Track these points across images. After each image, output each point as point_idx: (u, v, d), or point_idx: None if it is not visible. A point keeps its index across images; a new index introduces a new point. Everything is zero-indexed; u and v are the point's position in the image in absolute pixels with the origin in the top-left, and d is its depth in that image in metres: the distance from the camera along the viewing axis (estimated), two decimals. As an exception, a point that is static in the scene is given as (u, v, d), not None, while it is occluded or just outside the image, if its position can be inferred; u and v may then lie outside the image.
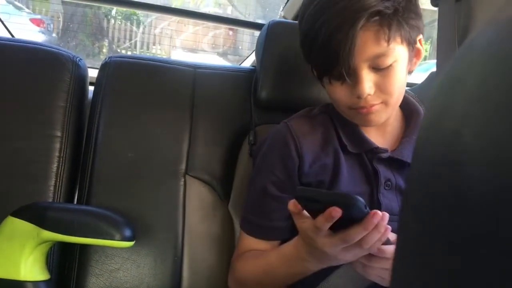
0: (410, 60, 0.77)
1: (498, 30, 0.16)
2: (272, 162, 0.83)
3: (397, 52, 0.72)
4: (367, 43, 0.70)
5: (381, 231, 0.61)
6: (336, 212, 0.58)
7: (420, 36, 0.78)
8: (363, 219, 0.60)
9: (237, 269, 0.85)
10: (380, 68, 0.72)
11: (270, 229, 0.84)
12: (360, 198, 0.59)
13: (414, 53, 0.78)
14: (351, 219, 0.61)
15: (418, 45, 0.78)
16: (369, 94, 0.72)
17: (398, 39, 0.72)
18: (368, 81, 0.72)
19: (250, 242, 0.86)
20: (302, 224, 0.66)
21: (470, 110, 0.15)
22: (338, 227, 0.62)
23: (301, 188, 0.63)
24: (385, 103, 0.75)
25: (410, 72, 0.79)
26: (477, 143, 0.14)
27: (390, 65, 0.72)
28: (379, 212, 0.60)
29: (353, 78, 0.72)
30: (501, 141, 0.13)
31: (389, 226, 0.62)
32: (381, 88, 0.73)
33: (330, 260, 0.67)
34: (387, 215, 0.61)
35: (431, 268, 0.16)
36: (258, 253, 0.84)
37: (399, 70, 0.73)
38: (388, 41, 0.70)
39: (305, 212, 0.65)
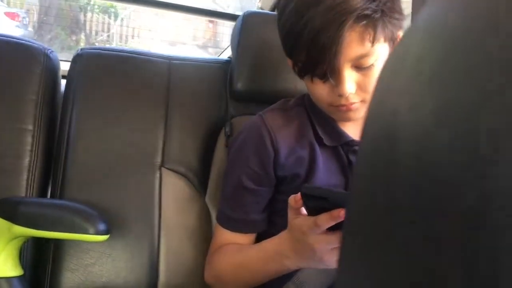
0: None
1: (439, 4, 0.16)
2: (247, 155, 0.83)
3: (379, 52, 0.71)
4: (351, 44, 0.69)
5: None
6: (343, 214, 0.58)
7: (400, 31, 0.77)
8: None
9: (213, 262, 0.85)
10: (361, 68, 0.71)
11: (246, 222, 0.84)
12: None
13: (394, 46, 0.78)
14: None
15: (398, 40, 0.78)
16: (350, 93, 0.72)
17: (382, 39, 0.71)
18: (350, 81, 0.71)
19: (226, 235, 0.86)
20: (295, 219, 0.66)
21: (407, 87, 0.15)
22: (334, 227, 0.62)
23: (308, 186, 0.63)
24: (364, 101, 0.74)
25: None
26: (408, 120, 0.14)
27: (372, 65, 0.71)
28: None
29: (335, 77, 0.72)
30: (426, 118, 0.13)
31: None
32: (362, 87, 0.73)
33: (313, 259, 0.67)
34: None
35: (373, 236, 0.16)
36: (236, 247, 0.83)
37: (380, 68, 0.73)
38: (373, 42, 0.69)
39: (302, 209, 0.65)
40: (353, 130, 0.83)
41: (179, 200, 0.97)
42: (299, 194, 0.64)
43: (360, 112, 0.76)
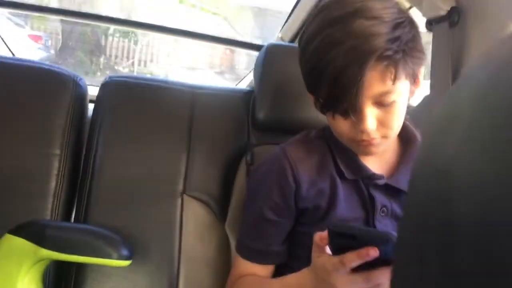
0: (411, 93, 0.78)
1: (488, 70, 0.17)
2: (268, 186, 0.83)
3: (401, 89, 0.72)
4: (373, 83, 0.69)
5: None
6: (374, 252, 0.58)
7: (421, 68, 0.78)
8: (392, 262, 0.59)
9: None
10: (383, 104, 0.72)
11: (266, 253, 0.84)
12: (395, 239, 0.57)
13: (415, 84, 0.78)
14: (381, 259, 0.59)
15: (419, 76, 0.78)
16: (372, 129, 0.73)
17: (403, 77, 0.71)
18: (371, 117, 0.72)
19: (245, 266, 0.86)
20: (319, 257, 0.66)
21: (460, 150, 0.16)
22: (359, 267, 0.61)
23: (335, 224, 0.62)
24: (385, 137, 0.75)
25: (409, 99, 0.80)
26: (466, 183, 0.15)
27: (394, 102, 0.72)
28: None
29: (357, 114, 0.72)
30: (487, 183, 0.14)
31: None
32: (383, 123, 0.73)
33: None
34: None
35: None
36: (256, 279, 0.83)
37: (401, 104, 0.74)
38: (394, 80, 0.70)
39: (326, 247, 0.65)
40: (374, 164, 0.83)
41: (200, 228, 0.98)
42: (324, 232, 0.63)
43: (381, 146, 0.76)
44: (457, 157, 0.16)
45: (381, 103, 0.72)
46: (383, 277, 0.60)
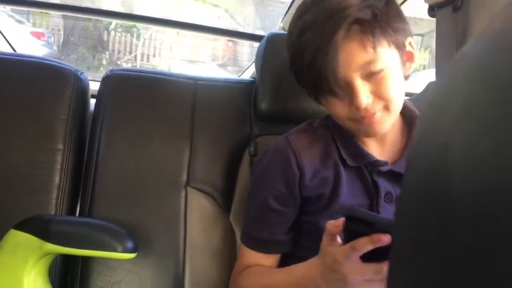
0: (403, 64, 0.77)
1: (486, 43, 0.17)
2: (273, 176, 0.83)
3: (387, 57, 0.72)
4: (353, 52, 0.70)
5: None
6: (387, 239, 0.57)
7: (410, 39, 0.77)
8: None
9: (238, 284, 0.85)
10: (372, 75, 0.71)
11: (271, 242, 0.84)
12: None
13: (406, 56, 0.77)
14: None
15: (409, 48, 0.77)
16: (367, 104, 0.72)
17: (385, 44, 0.71)
18: (364, 91, 0.71)
19: (251, 256, 0.86)
20: (329, 246, 0.65)
21: (457, 126, 0.16)
22: (368, 257, 0.60)
23: (351, 209, 0.61)
24: (386, 108, 0.74)
25: (406, 77, 0.79)
26: (464, 157, 0.15)
27: (382, 71, 0.71)
28: None
29: (349, 91, 0.72)
30: (483, 157, 0.14)
31: None
32: (378, 95, 0.72)
33: None
34: None
35: (423, 275, 0.17)
36: (262, 269, 0.84)
37: (392, 74, 0.73)
38: (374, 47, 0.70)
39: (337, 236, 0.65)
40: (377, 150, 0.82)
41: (204, 219, 0.98)
42: (339, 220, 0.63)
43: (384, 123, 0.75)
44: (454, 132, 0.16)
45: (369, 74, 0.72)
46: None
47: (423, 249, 0.17)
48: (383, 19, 0.71)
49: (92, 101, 1.07)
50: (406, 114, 0.83)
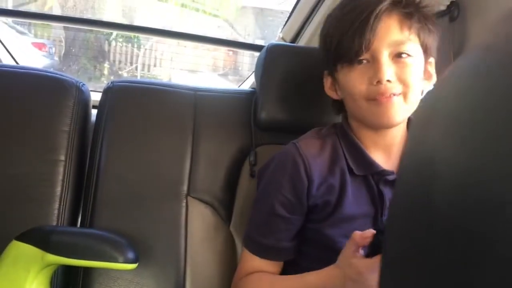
0: (424, 74, 0.80)
1: (469, 62, 0.17)
2: (280, 182, 0.83)
3: (416, 48, 0.77)
4: (390, 28, 0.75)
5: None
6: None
7: (432, 59, 0.82)
8: None
9: None
10: (400, 58, 0.76)
11: (276, 249, 0.84)
12: None
13: (427, 74, 0.82)
14: None
15: (429, 67, 0.82)
16: (389, 81, 0.74)
17: (417, 36, 0.77)
18: (388, 66, 0.75)
19: (254, 262, 0.86)
20: (353, 257, 0.66)
21: (441, 140, 0.17)
22: None
23: (383, 221, 0.62)
24: (404, 95, 0.76)
25: (421, 91, 0.81)
26: (445, 172, 0.16)
27: (409, 56, 0.76)
28: None
29: (374, 64, 0.76)
30: (463, 174, 0.15)
31: None
32: (400, 79, 0.76)
33: None
34: None
35: (408, 279, 0.17)
36: (268, 277, 0.83)
37: (416, 65, 0.77)
38: (410, 29, 0.75)
39: (360, 248, 0.65)
40: (383, 159, 0.83)
41: (205, 229, 0.99)
42: (367, 231, 0.63)
43: (398, 111, 0.76)
44: (438, 148, 0.17)
45: (397, 55, 0.76)
46: None
47: (409, 257, 0.18)
48: (422, 12, 0.77)
49: (93, 112, 1.08)
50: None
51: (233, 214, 1.00)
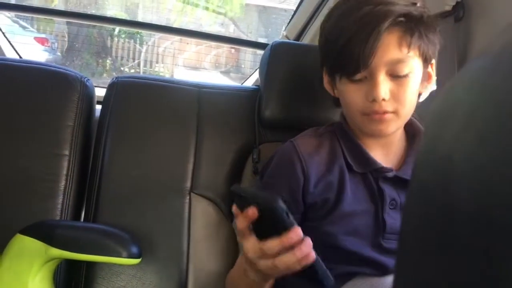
0: (423, 79, 0.79)
1: (487, 62, 0.18)
2: (277, 181, 0.84)
3: (414, 64, 0.75)
4: (389, 47, 0.73)
5: (297, 256, 0.59)
6: (253, 212, 0.59)
7: (433, 61, 0.80)
8: (283, 231, 0.59)
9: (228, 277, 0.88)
10: (396, 76, 0.74)
11: None
12: (282, 204, 0.57)
13: (427, 75, 0.81)
14: (274, 227, 0.59)
15: (430, 69, 0.81)
16: (384, 99, 0.74)
17: (417, 50, 0.75)
18: (384, 85, 0.74)
19: None
20: (244, 239, 0.65)
21: (459, 138, 0.17)
22: (264, 233, 0.61)
23: (235, 185, 0.62)
24: (396, 113, 0.76)
25: (420, 94, 0.81)
26: (465, 168, 0.16)
27: (406, 75, 0.74)
28: (299, 230, 0.60)
29: (370, 82, 0.75)
30: (484, 169, 0.15)
31: (312, 254, 0.61)
32: (395, 97, 0.75)
33: (262, 273, 0.64)
34: (308, 241, 0.61)
35: (428, 282, 0.17)
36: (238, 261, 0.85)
37: (413, 82, 0.76)
38: (409, 47, 0.73)
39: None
40: (381, 156, 0.83)
41: (208, 225, 0.99)
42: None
43: (392, 125, 0.77)
44: (456, 145, 0.17)
45: (394, 73, 0.74)
46: (275, 246, 0.60)
47: (426, 254, 0.18)
48: (423, 25, 0.75)
49: (97, 107, 1.09)
50: (409, 126, 0.86)
51: (236, 211, 1.00)
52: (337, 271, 0.79)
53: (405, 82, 0.75)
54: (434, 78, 0.82)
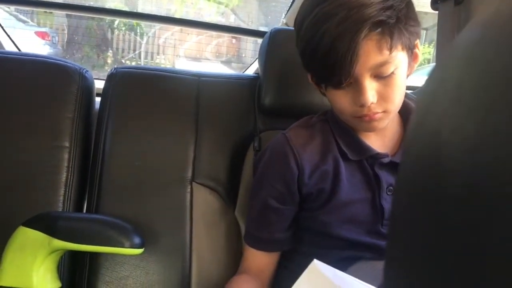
0: (409, 65, 0.77)
1: (474, 32, 0.17)
2: (271, 175, 0.84)
3: (398, 59, 0.72)
4: (369, 53, 0.70)
5: None
6: None
7: (417, 41, 0.78)
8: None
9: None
10: (382, 76, 0.72)
11: (270, 241, 0.86)
12: None
13: (413, 57, 0.78)
14: None
15: (415, 50, 0.78)
16: (372, 103, 0.73)
17: (400, 47, 0.72)
18: (371, 89, 0.72)
19: (252, 254, 0.88)
20: None
21: (448, 110, 0.17)
22: None
23: None
24: (386, 111, 0.75)
25: (408, 75, 0.80)
26: (453, 140, 0.16)
27: (392, 73, 0.72)
28: None
29: (356, 87, 0.72)
30: (471, 140, 0.15)
31: None
32: (384, 96, 0.73)
33: None
34: None
35: (420, 258, 0.17)
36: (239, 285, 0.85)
37: (400, 77, 0.74)
38: (391, 49, 0.70)
39: None
40: (376, 142, 0.82)
41: (210, 214, 0.99)
42: None
43: (384, 121, 0.76)
44: (445, 119, 0.17)
45: (379, 75, 0.72)
46: None
47: (417, 227, 0.18)
48: (403, 22, 0.71)
49: (97, 100, 1.08)
50: (403, 110, 0.84)
51: (238, 199, 1.00)
52: (339, 256, 0.79)
53: (391, 80, 0.73)
54: (420, 55, 0.80)
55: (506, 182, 0.13)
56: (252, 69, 1.74)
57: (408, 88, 0.82)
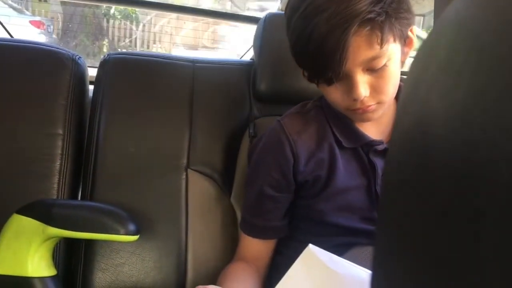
0: (402, 52, 0.76)
1: (464, 0, 0.17)
2: (267, 162, 0.84)
3: (390, 51, 0.71)
4: (359, 48, 0.68)
5: None
6: None
7: (412, 26, 0.76)
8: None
9: (222, 273, 0.86)
10: (374, 69, 0.71)
11: (266, 228, 0.86)
12: None
13: (406, 43, 0.77)
14: None
15: (410, 34, 0.76)
16: (365, 96, 0.72)
17: (391, 39, 0.70)
18: (363, 83, 0.71)
19: (248, 241, 0.87)
20: None
21: (438, 78, 0.16)
22: None
23: None
24: (380, 103, 0.74)
25: (403, 62, 0.79)
26: (441, 106, 0.15)
27: (384, 65, 0.71)
28: None
29: (348, 82, 0.72)
30: (459, 103, 0.14)
31: None
32: (376, 89, 0.72)
33: None
34: None
35: (409, 227, 0.17)
36: (233, 276, 0.84)
37: (393, 67, 0.73)
38: (381, 44, 0.69)
39: None
40: (371, 129, 0.82)
41: (205, 201, 0.99)
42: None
43: (378, 112, 0.76)
44: (434, 86, 0.16)
45: (371, 68, 0.71)
46: None
47: (407, 206, 0.17)
48: (393, 15, 0.69)
49: (91, 88, 1.07)
50: (399, 92, 0.83)
51: (234, 185, 1.00)
52: (335, 243, 0.79)
53: (384, 72, 0.72)
54: (415, 39, 0.79)
55: (496, 143, 0.13)
56: (249, 55, 1.73)
57: (404, 73, 0.81)
